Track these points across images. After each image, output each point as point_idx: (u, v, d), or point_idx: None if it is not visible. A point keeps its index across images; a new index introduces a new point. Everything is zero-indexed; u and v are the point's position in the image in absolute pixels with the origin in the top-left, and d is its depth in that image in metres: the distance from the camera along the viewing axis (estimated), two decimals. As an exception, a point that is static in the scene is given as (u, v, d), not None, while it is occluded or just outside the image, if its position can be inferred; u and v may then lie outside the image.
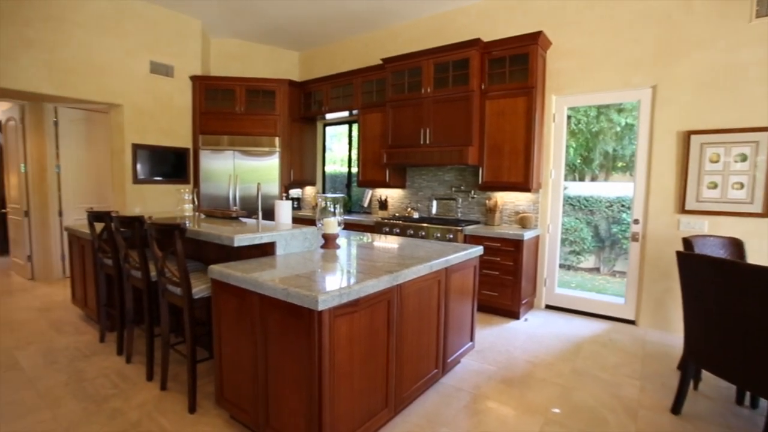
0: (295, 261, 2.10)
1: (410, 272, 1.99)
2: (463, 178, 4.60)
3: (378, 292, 1.78)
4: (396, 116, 4.58)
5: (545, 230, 4.13)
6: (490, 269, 3.85)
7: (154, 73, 5.06)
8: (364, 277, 1.78)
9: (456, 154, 4.05)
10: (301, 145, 5.95)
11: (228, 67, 6.01)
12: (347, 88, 5.28)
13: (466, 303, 2.67)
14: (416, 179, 5.01)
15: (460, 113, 4.08)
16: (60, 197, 4.95)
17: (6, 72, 3.99)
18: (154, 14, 4.99)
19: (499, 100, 3.95)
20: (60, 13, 4.28)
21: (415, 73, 4.40)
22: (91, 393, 2.33)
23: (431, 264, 2.17)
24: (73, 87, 4.41)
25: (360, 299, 1.68)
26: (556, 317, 3.89)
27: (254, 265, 1.96)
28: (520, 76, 3.83)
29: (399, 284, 1.93)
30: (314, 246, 2.51)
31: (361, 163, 5.17)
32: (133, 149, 4.93)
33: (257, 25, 5.45)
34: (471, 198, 4.54)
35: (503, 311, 3.87)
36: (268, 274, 1.80)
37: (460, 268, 2.54)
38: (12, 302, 4.08)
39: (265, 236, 2.22)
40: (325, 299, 1.48)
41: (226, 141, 5.45)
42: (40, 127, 4.80)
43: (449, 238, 4.01)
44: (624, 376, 2.66)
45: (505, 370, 2.75)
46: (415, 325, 2.12)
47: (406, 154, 4.44)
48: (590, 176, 7.15)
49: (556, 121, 4.05)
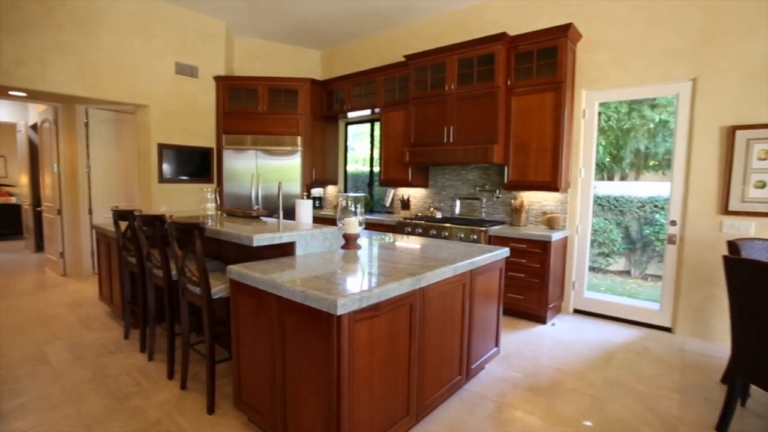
0: (314, 262, 2.05)
1: (433, 275, 1.90)
2: (487, 177, 4.47)
3: (400, 295, 1.71)
4: (419, 114, 4.49)
5: (574, 231, 3.96)
6: (515, 271, 3.72)
7: (179, 74, 5.14)
8: (385, 279, 1.71)
9: (480, 153, 3.92)
10: (323, 144, 5.93)
11: (251, 67, 6.05)
12: (369, 86, 5.22)
13: (491, 307, 2.56)
14: (439, 178, 4.90)
15: (485, 110, 3.95)
16: (90, 196, 5.09)
17: (41, 75, 4.12)
18: (179, 16, 5.07)
19: (526, 97, 3.81)
20: (91, 17, 4.39)
21: (439, 70, 4.29)
22: (114, 390, 2.35)
23: (455, 266, 2.07)
24: (103, 89, 4.52)
25: (381, 303, 1.61)
26: (586, 322, 3.71)
27: (273, 266, 1.92)
28: (549, 71, 3.68)
29: (422, 287, 1.85)
30: (335, 246, 2.46)
31: (383, 162, 5.11)
32: (158, 149, 5.01)
33: (280, 24, 5.46)
34: (496, 198, 4.40)
35: (529, 315, 3.72)
36: (286, 275, 1.75)
37: (486, 271, 2.44)
38: (45, 297, 4.21)
39: (285, 236, 2.18)
40: (345, 303, 1.42)
41: (249, 140, 5.49)
42: (71, 128, 4.95)
43: (473, 239, 3.89)
44: (661, 388, 2.49)
45: (532, 377, 2.62)
46: (438, 329, 2.03)
47: (428, 153, 4.35)
48: (620, 175, 6.86)
49: (586, 118, 3.87)
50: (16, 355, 2.82)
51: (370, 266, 2.00)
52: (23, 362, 2.71)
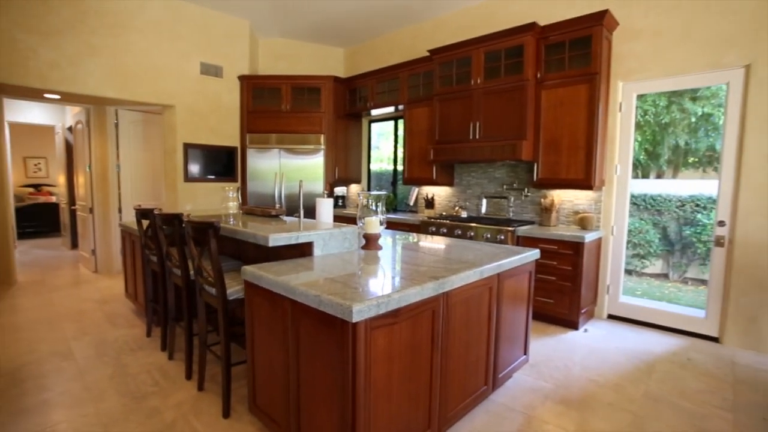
0: (332, 263, 1.96)
1: (458, 278, 1.78)
2: (515, 175, 4.27)
3: (421, 300, 1.59)
4: (443, 110, 4.35)
5: (609, 232, 3.72)
6: (545, 274, 3.52)
7: (204, 74, 5.19)
8: (406, 283, 1.60)
9: (508, 149, 3.75)
10: (346, 142, 5.87)
11: (275, 66, 6.06)
12: (393, 83, 5.11)
13: (519, 312, 2.41)
14: (465, 176, 4.74)
15: (513, 105, 3.77)
16: (120, 195, 5.22)
17: (74, 78, 4.24)
18: (204, 17, 5.11)
19: (557, 90, 3.60)
20: (121, 20, 4.47)
21: (464, 64, 4.13)
22: (133, 389, 2.34)
23: (482, 269, 1.94)
24: (132, 90, 4.61)
25: (401, 309, 1.50)
26: (621, 329, 3.48)
27: (289, 267, 1.85)
28: (582, 62, 3.46)
29: (445, 292, 1.73)
30: (354, 246, 2.37)
31: (407, 159, 4.99)
32: (184, 148, 5.08)
33: (304, 22, 5.43)
34: (524, 196, 4.21)
35: (560, 320, 3.52)
36: (301, 277, 1.67)
37: (514, 274, 2.28)
38: (76, 293, 4.33)
39: (302, 236, 2.11)
40: (361, 309, 1.32)
41: (272, 139, 5.49)
42: (102, 129, 5.08)
43: (500, 240, 3.72)
44: (711, 406, 2.27)
45: (564, 388, 2.45)
46: (463, 336, 1.91)
47: (453, 150, 4.20)
48: (655, 173, 6.48)
49: (622, 111, 3.62)
50: (45, 350, 2.88)
51: (391, 269, 1.90)
52: (51, 358, 2.75)
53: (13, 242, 4.69)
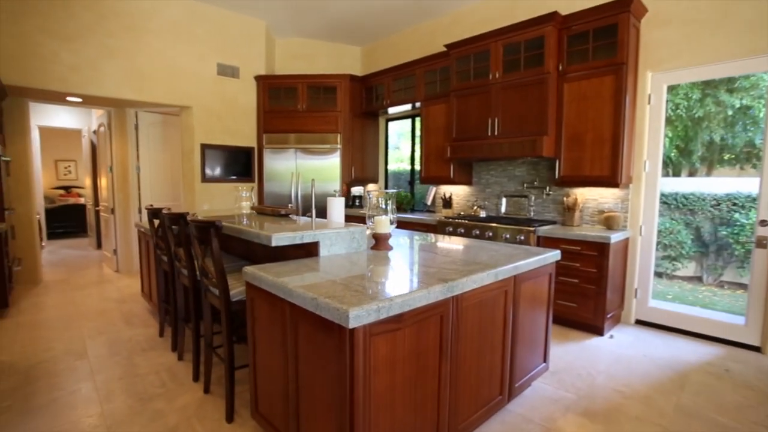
0: (338, 264, 1.88)
1: (470, 281, 1.66)
2: (536, 173, 4.09)
3: (429, 305, 1.49)
4: (461, 106, 4.21)
5: (636, 232, 3.50)
6: (568, 276, 3.34)
7: (220, 75, 5.22)
8: (411, 286, 1.49)
9: (528, 146, 3.58)
10: (362, 141, 5.80)
11: (292, 66, 6.04)
12: (409, 80, 5.01)
13: (538, 317, 2.26)
14: (483, 175, 4.58)
15: (534, 99, 3.60)
16: (140, 195, 5.31)
17: (93, 80, 4.32)
18: (221, 18, 5.14)
19: (581, 82, 3.42)
20: (138, 22, 4.54)
21: (482, 58, 3.99)
22: (140, 390, 2.33)
23: (497, 271, 1.81)
24: (149, 91, 4.67)
25: (404, 314, 1.40)
26: (651, 336, 3.26)
27: (291, 268, 1.77)
28: (607, 52, 3.27)
29: (455, 295, 1.61)
30: (363, 247, 2.28)
31: (424, 158, 4.87)
32: (201, 149, 5.12)
33: (320, 21, 5.39)
34: (545, 195, 4.02)
35: (583, 325, 3.33)
36: (300, 278, 1.59)
37: (533, 276, 2.14)
38: (97, 293, 4.41)
39: (307, 236, 2.03)
40: (359, 315, 1.23)
41: (289, 139, 5.47)
42: (123, 131, 5.18)
43: (520, 240, 3.56)
44: (751, 423, 2.07)
45: (587, 399, 2.29)
46: (475, 343, 1.78)
47: (471, 148, 4.05)
48: (687, 171, 6.12)
49: (651, 103, 3.40)
50: (60, 348, 2.92)
51: (398, 270, 1.79)
52: (65, 356, 2.78)
53: (38, 243, 4.83)
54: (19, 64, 3.93)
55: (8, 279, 3.66)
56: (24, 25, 3.93)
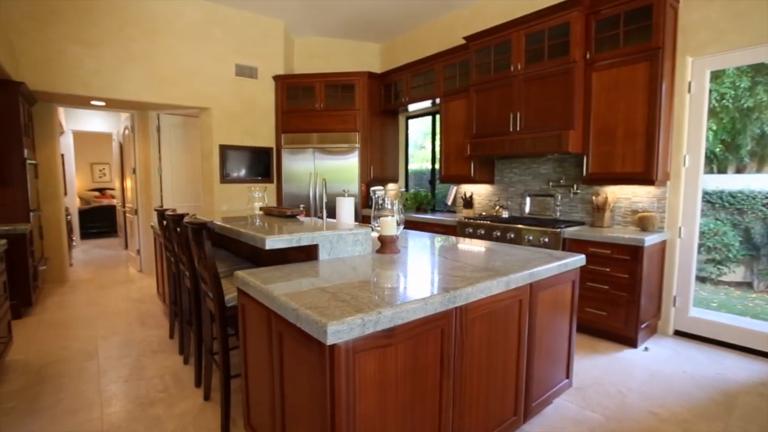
0: (335, 269, 1.75)
1: (476, 290, 1.49)
2: (562, 170, 3.83)
3: (427, 317, 1.33)
4: (481, 101, 4.00)
5: (675, 234, 3.19)
6: (596, 282, 3.08)
7: (239, 76, 5.22)
8: (407, 296, 1.34)
9: (552, 141, 3.34)
10: (382, 140, 5.66)
11: (311, 66, 5.99)
12: (428, 75, 4.83)
13: (560, 328, 2.05)
14: (506, 173, 4.35)
15: (559, 91, 3.36)
16: (162, 196, 5.39)
17: (115, 84, 4.40)
18: (239, 19, 5.14)
19: (611, 71, 3.14)
20: (158, 26, 4.59)
21: (503, 49, 3.77)
22: (142, 394, 2.28)
23: (508, 279, 1.63)
24: (169, 94, 4.72)
25: (397, 328, 1.25)
26: (692, 349, 2.95)
27: (283, 273, 1.66)
28: (640, 37, 2.98)
29: (459, 306, 1.45)
30: (367, 250, 2.14)
31: (443, 156, 4.69)
32: (220, 150, 5.14)
33: (338, 19, 5.30)
34: (573, 194, 3.75)
35: (614, 336, 3.06)
36: (288, 285, 1.47)
37: (553, 284, 1.94)
38: (118, 292, 4.49)
39: (305, 238, 1.91)
40: (338, 330, 1.09)
41: (307, 139, 5.41)
42: (145, 133, 5.27)
43: (544, 243, 3.32)
44: (814, 457, 1.78)
45: (616, 421, 2.05)
46: (484, 359, 1.61)
47: (492, 144, 3.84)
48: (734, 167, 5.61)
49: (692, 92, 3.09)
50: (74, 348, 2.94)
51: (400, 276, 1.65)
52: (77, 356, 2.80)
53: (66, 243, 4.99)
54: (45, 70, 4.05)
55: (33, 278, 3.77)
56: (49, 32, 4.04)
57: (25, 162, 3.79)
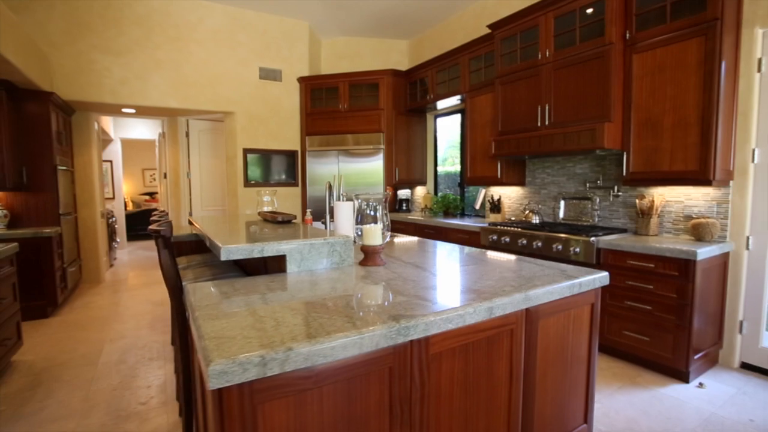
0: (295, 284, 1.53)
1: (439, 320, 1.19)
2: (601, 170, 3.35)
3: (366, 354, 1.07)
4: (506, 95, 3.62)
5: (741, 245, 2.63)
6: (637, 301, 2.61)
7: (263, 79, 5.21)
8: (344, 325, 1.09)
9: (585, 137, 2.90)
10: (408, 140, 5.40)
11: (337, 66, 5.87)
12: (453, 70, 4.51)
13: (572, 362, 1.68)
14: (538, 174, 3.91)
15: (592, 79, 2.91)
16: (190, 201, 5.51)
17: (141, 92, 4.53)
18: (263, 22, 5.13)
19: (655, 51, 2.66)
20: (183, 33, 4.67)
21: (530, 36, 3.37)
22: (123, 406, 2.20)
23: (492, 305, 1.31)
24: (193, 99, 4.79)
25: (319, 368, 1.00)
26: (763, 389, 2.39)
27: (236, 287, 1.46)
28: (692, 8, 2.49)
29: (415, 340, 1.16)
30: (347, 261, 1.90)
31: (469, 156, 4.34)
32: (243, 154, 5.15)
33: (364, 16, 5.13)
34: (613, 197, 3.26)
35: (659, 366, 2.57)
36: (228, 303, 1.26)
37: (562, 308, 1.58)
38: (142, 294, 4.60)
39: (269, 248, 1.71)
40: (225, 371, 0.86)
41: (330, 141, 5.28)
42: (175, 138, 5.42)
43: (574, 252, 2.89)
44: None
45: (648, 481, 1.64)
46: (458, 402, 1.31)
47: (518, 142, 3.45)
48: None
49: (762, 71, 2.53)
50: (80, 351, 2.98)
51: (363, 297, 1.39)
52: (79, 360, 2.81)
53: (102, 244, 5.22)
54: (76, 81, 4.23)
55: (61, 279, 3.93)
56: (80, 44, 4.23)
57: (55, 168, 3.97)
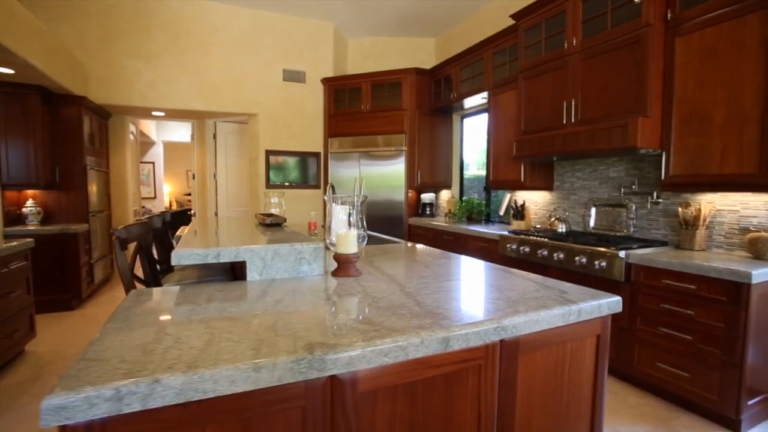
0: (246, 294, 1.38)
1: (370, 352, 0.97)
2: (638, 173, 2.93)
3: (261, 392, 0.87)
4: (530, 90, 3.29)
5: (816, 267, 2.13)
6: (673, 327, 2.20)
7: (287, 81, 5.19)
8: (248, 351, 0.90)
9: (616, 134, 2.52)
10: (432, 142, 5.15)
11: (364, 67, 5.75)
12: (477, 66, 4.21)
13: (569, 406, 1.38)
14: (567, 177, 3.53)
15: (625, 68, 2.54)
16: (217, 201, 5.60)
17: (168, 95, 4.65)
18: (287, 24, 5.12)
19: (704, 31, 2.25)
20: (207, 37, 4.76)
21: (556, 24, 3.03)
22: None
23: (449, 335, 1.07)
24: (218, 101, 4.86)
25: (198, 406, 0.82)
26: (842, 448, 1.90)
27: (184, 294, 1.33)
28: (752, -22, 2.07)
29: (336, 375, 0.95)
30: (317, 271, 1.72)
31: (492, 158, 4.03)
32: (266, 155, 5.15)
33: (389, 16, 4.99)
34: (652, 203, 2.83)
35: (700, 409, 2.14)
36: (138, 316, 1.13)
37: (553, 340, 1.29)
38: (166, 292, 4.70)
39: (225, 253, 1.57)
40: (64, 404, 0.71)
41: (351, 143, 5.15)
42: (203, 140, 5.54)
43: (600, 267, 2.52)
44: None
45: None
46: (404, 449, 1.07)
47: (540, 142, 3.10)
48: None
49: None
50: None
51: (290, 317, 1.20)
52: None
53: (134, 242, 5.43)
54: (108, 86, 4.42)
55: (87, 273, 4.09)
56: (112, 50, 4.41)
57: (85, 168, 4.15)
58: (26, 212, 3.81)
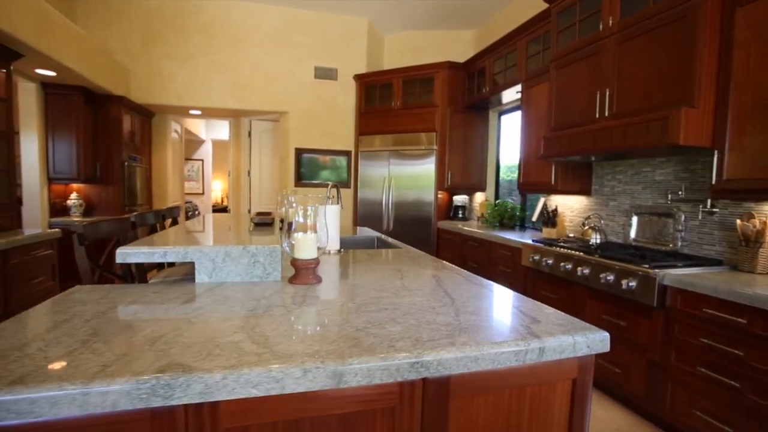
0: (177, 298, 1.27)
1: (234, 381, 0.80)
2: (690, 176, 2.45)
3: (96, 418, 0.74)
4: (562, 80, 2.92)
5: None
6: (716, 369, 1.78)
7: (318, 78, 5.16)
8: (92, 369, 0.78)
9: (655, 129, 2.11)
10: (464, 140, 4.84)
11: (400, 63, 5.56)
12: (510, 57, 3.87)
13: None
14: (607, 180, 3.09)
15: (670, 49, 2.12)
16: (250, 198, 5.73)
17: (202, 94, 4.81)
18: (320, 21, 5.08)
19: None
20: (240, 36, 4.85)
21: (592, 4, 2.64)
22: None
23: (344, 368, 0.86)
24: (249, 100, 4.95)
25: (6, 429, 0.70)
26: None
27: (123, 292, 1.26)
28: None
29: (190, 405, 0.79)
30: (272, 276, 1.58)
31: (523, 158, 3.67)
32: (296, 153, 5.16)
33: (424, 8, 4.80)
34: (705, 213, 2.35)
35: (753, 474, 1.70)
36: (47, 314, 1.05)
37: (505, 383, 1.03)
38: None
39: (173, 253, 1.48)
40: None
41: (381, 141, 5.00)
42: (238, 138, 5.69)
43: (627, 288, 2.13)
44: None
45: None
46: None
47: (569, 140, 2.73)
48: None
49: None
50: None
51: (186, 329, 1.06)
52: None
53: (174, 235, 5.71)
54: (147, 86, 4.66)
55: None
56: (152, 53, 4.64)
57: (123, 164, 4.40)
58: (70, 204, 4.12)
